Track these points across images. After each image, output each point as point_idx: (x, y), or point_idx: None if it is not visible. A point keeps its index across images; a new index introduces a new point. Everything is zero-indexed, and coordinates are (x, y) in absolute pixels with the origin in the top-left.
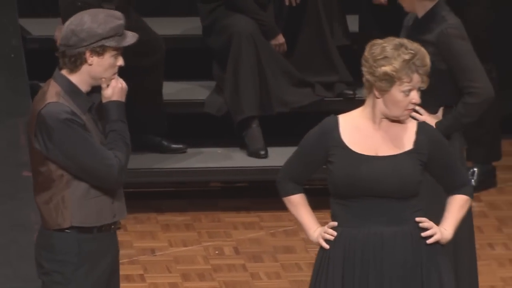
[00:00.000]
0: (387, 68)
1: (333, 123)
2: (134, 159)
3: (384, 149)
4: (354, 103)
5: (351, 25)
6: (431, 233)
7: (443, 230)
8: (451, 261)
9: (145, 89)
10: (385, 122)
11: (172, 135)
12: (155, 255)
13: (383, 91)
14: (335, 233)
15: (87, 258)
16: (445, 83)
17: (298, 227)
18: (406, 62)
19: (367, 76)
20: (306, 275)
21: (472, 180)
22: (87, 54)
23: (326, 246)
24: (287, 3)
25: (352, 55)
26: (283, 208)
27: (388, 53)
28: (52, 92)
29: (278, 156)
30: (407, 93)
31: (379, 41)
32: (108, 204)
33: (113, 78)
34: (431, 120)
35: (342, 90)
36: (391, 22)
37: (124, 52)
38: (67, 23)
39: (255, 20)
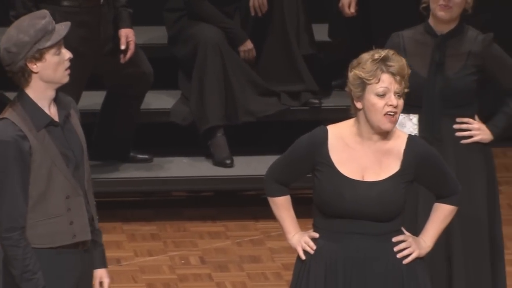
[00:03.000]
0: (356, 71)
1: (322, 136)
2: (100, 169)
3: (371, 173)
4: (320, 112)
5: (320, 34)
6: (408, 252)
7: (422, 243)
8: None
9: (124, 114)
10: (373, 141)
11: (137, 144)
12: (121, 265)
13: (359, 98)
14: (315, 247)
15: (49, 275)
16: (475, 95)
17: (264, 237)
18: (375, 62)
19: (346, 88)
20: (272, 284)
21: None
22: (29, 65)
23: (303, 256)
24: (252, 13)
25: (319, 64)
26: (249, 217)
27: (362, 59)
28: (9, 108)
29: (244, 165)
30: (380, 95)
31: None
32: (65, 226)
33: (68, 72)
34: (482, 126)
35: (308, 99)
36: (360, 30)
37: (118, 78)
38: (1, 43)
39: (221, 28)
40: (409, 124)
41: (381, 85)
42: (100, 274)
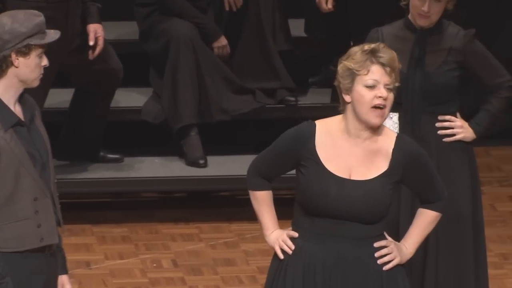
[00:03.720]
0: (346, 62)
1: (310, 131)
2: (69, 169)
3: (358, 172)
4: (296, 110)
5: (297, 29)
6: (389, 258)
7: (403, 249)
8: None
9: (93, 112)
10: (362, 138)
11: (107, 143)
12: (91, 268)
13: (348, 90)
14: (293, 247)
15: (15, 279)
16: (456, 92)
17: (239, 239)
18: (364, 53)
19: (335, 82)
20: None
21: None
22: (13, 56)
23: (281, 256)
24: (227, 7)
25: (295, 61)
26: (223, 219)
27: (352, 51)
28: None
29: (218, 166)
30: (370, 86)
31: None
32: (32, 229)
33: (40, 77)
34: (465, 124)
35: (284, 97)
36: (338, 27)
37: (86, 75)
38: None
39: (194, 23)
40: (390, 123)
41: (370, 77)
42: (62, 280)
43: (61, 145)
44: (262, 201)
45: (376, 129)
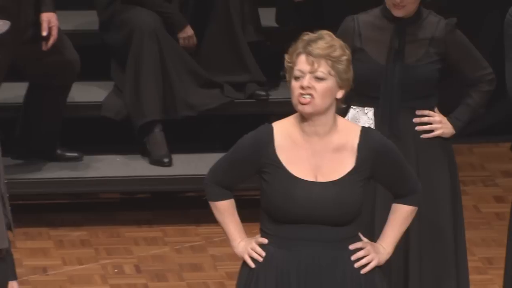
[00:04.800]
0: (286, 55)
1: (268, 135)
2: (24, 168)
3: (324, 173)
4: (267, 105)
5: (267, 19)
6: (367, 261)
7: (381, 250)
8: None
9: (49, 107)
10: (320, 136)
11: (65, 141)
12: (48, 274)
13: (289, 84)
14: (263, 254)
15: None
16: (436, 86)
17: (206, 243)
18: (300, 42)
19: None
20: None
21: None
22: None
23: (252, 265)
24: None
25: (266, 53)
26: (190, 221)
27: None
28: None
29: (183, 164)
30: (296, 77)
31: None
32: None
33: None
34: (443, 119)
35: (254, 91)
36: (312, 16)
37: (40, 68)
38: None
39: (158, 12)
40: (364, 119)
41: (296, 67)
42: (11, 287)
43: (15, 143)
44: (225, 211)
45: (334, 124)
